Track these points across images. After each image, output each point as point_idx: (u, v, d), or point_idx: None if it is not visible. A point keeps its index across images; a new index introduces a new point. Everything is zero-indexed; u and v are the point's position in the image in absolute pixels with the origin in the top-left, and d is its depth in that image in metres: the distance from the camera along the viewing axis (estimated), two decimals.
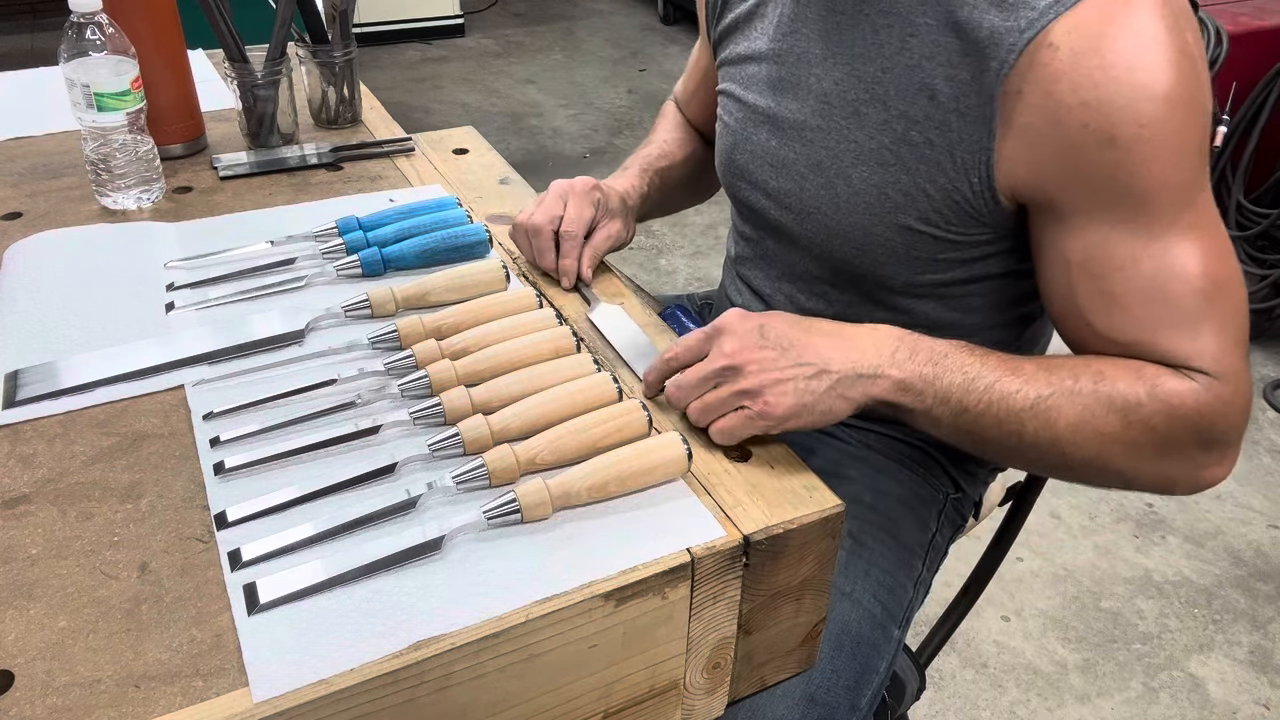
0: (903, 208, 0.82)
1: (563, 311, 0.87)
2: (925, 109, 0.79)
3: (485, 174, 1.15)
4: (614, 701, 0.66)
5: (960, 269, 0.86)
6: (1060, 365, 0.76)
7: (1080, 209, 0.74)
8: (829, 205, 0.86)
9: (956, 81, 0.76)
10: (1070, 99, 0.70)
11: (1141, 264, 0.73)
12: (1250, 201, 2.46)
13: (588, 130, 3.74)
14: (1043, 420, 0.73)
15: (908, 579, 0.93)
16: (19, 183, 1.09)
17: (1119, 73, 0.69)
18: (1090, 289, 0.75)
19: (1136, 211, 0.72)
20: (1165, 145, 0.70)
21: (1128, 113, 0.69)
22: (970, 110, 0.76)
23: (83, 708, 0.53)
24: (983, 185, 0.78)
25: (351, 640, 0.57)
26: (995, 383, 0.74)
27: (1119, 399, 0.73)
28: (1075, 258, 0.75)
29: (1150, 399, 0.73)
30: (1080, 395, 0.73)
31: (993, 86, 0.74)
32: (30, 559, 0.62)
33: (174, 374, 0.78)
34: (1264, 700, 1.64)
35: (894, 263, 0.86)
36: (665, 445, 0.69)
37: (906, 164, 0.81)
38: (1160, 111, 0.69)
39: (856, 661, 0.84)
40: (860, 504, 0.93)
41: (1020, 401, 0.73)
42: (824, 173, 0.86)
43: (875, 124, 0.82)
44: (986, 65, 0.74)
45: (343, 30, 1.19)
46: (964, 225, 0.81)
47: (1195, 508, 2.03)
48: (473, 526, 0.64)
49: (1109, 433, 0.73)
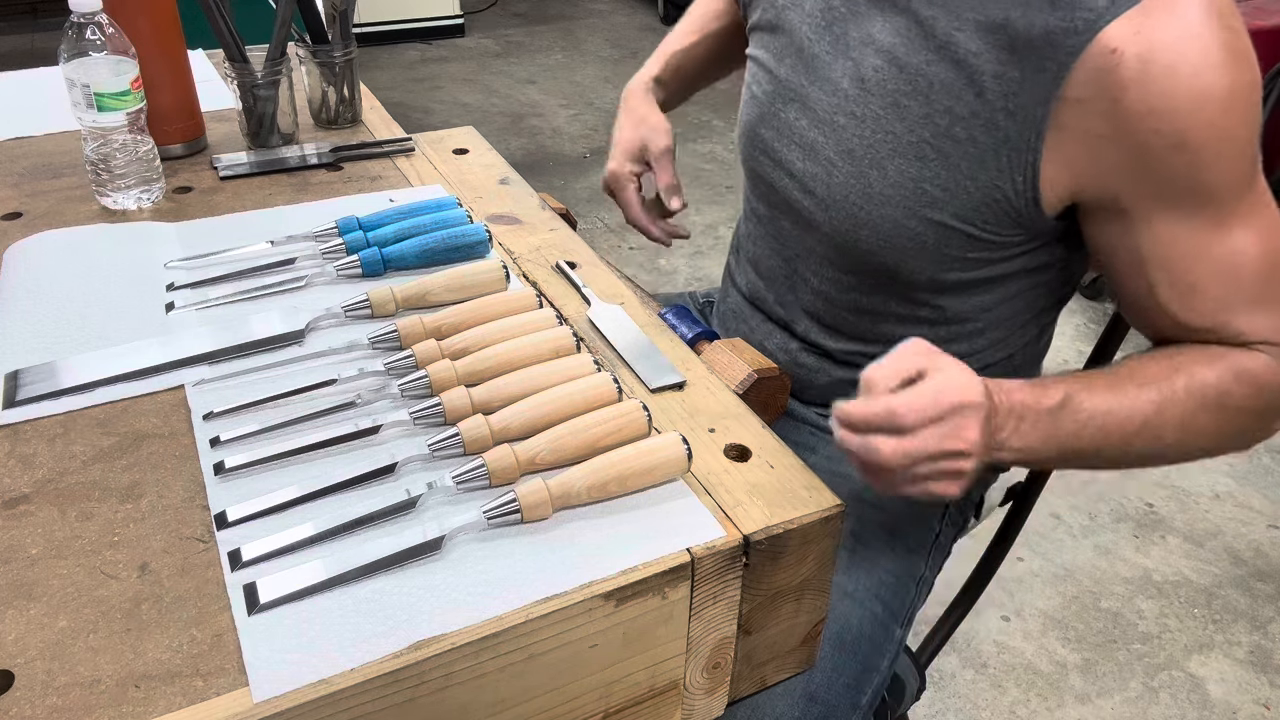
0: (939, 203, 0.82)
1: (563, 311, 0.87)
2: (972, 105, 0.78)
3: (485, 174, 1.15)
4: (614, 701, 0.66)
5: (986, 269, 0.86)
6: (1152, 375, 0.77)
7: (1150, 207, 0.76)
8: (859, 195, 0.86)
9: (1006, 80, 0.76)
10: (1139, 107, 0.71)
11: (1212, 250, 0.75)
12: None
13: (588, 130, 3.74)
14: (1151, 437, 0.76)
15: (910, 578, 0.93)
16: (19, 183, 1.09)
17: (1185, 79, 0.70)
18: (1165, 280, 0.77)
19: (1205, 204, 0.74)
20: (1232, 141, 0.72)
21: (1198, 117, 0.71)
22: (1020, 110, 0.76)
23: (83, 708, 0.53)
24: (1026, 185, 0.78)
25: (351, 640, 0.57)
26: (1106, 416, 0.75)
27: (1211, 393, 0.76)
28: (1147, 253, 0.77)
29: (1238, 383, 0.76)
30: (1178, 401, 0.76)
31: (1049, 89, 0.74)
32: (30, 559, 0.62)
33: (174, 374, 0.78)
34: (1264, 700, 1.64)
35: (921, 258, 0.85)
36: (665, 445, 0.69)
37: (949, 159, 0.80)
38: (1224, 110, 0.71)
39: (857, 660, 0.84)
40: (862, 503, 0.93)
41: (1130, 428, 0.76)
42: (856, 161, 0.85)
43: (916, 117, 0.81)
44: (1043, 66, 0.74)
45: (343, 30, 1.19)
46: (1000, 225, 0.81)
47: (1195, 507, 2.03)
48: (473, 526, 0.64)
49: (1209, 430, 0.77)
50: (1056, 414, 0.75)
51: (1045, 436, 0.74)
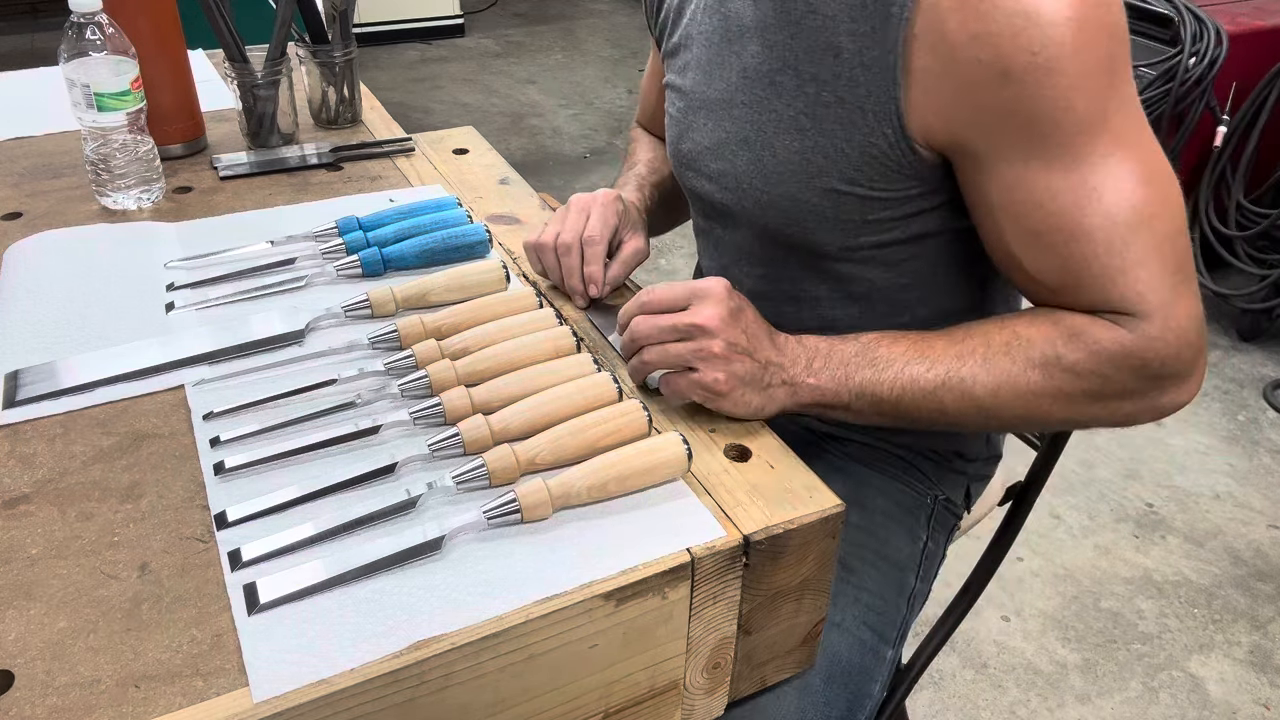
0: (825, 171, 0.81)
1: (563, 311, 0.87)
2: (832, 68, 0.78)
3: (485, 174, 1.15)
4: (614, 701, 0.66)
5: (896, 228, 0.84)
6: (971, 334, 0.76)
7: (992, 149, 0.73)
8: (759, 178, 0.86)
9: (858, 35, 0.75)
10: (960, 35, 0.69)
11: (1058, 198, 0.71)
12: (1250, 201, 2.46)
13: (588, 130, 3.74)
14: (959, 392, 0.75)
15: (899, 596, 0.92)
16: (19, 183, 1.09)
17: (1004, 2, 0.67)
18: (1015, 230, 0.75)
19: (1044, 144, 0.70)
20: (1063, 71, 0.68)
21: (1019, 41, 0.67)
22: (873, 62, 0.75)
23: (83, 708, 0.53)
24: (897, 136, 0.77)
25: (351, 640, 0.57)
26: (904, 368, 0.76)
27: (1036, 354, 0.74)
28: (996, 200, 0.75)
29: (1069, 347, 0.73)
30: (994, 358, 0.75)
31: (896, 33, 0.73)
32: (30, 559, 0.62)
33: (174, 374, 0.78)
34: (1264, 700, 1.64)
35: (825, 228, 0.85)
36: (665, 445, 0.69)
37: (823, 126, 0.80)
38: (1053, 35, 0.67)
39: (848, 690, 0.84)
40: (847, 525, 0.92)
41: (932, 380, 0.75)
42: (751, 147, 0.86)
43: (790, 91, 0.81)
44: (888, 14, 0.73)
45: (343, 30, 1.19)
46: (887, 181, 0.80)
47: (1195, 507, 2.04)
48: (473, 526, 0.64)
49: (1032, 389, 0.74)
50: (852, 359, 0.76)
51: (840, 379, 0.76)
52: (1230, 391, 2.38)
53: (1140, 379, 0.74)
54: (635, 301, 0.76)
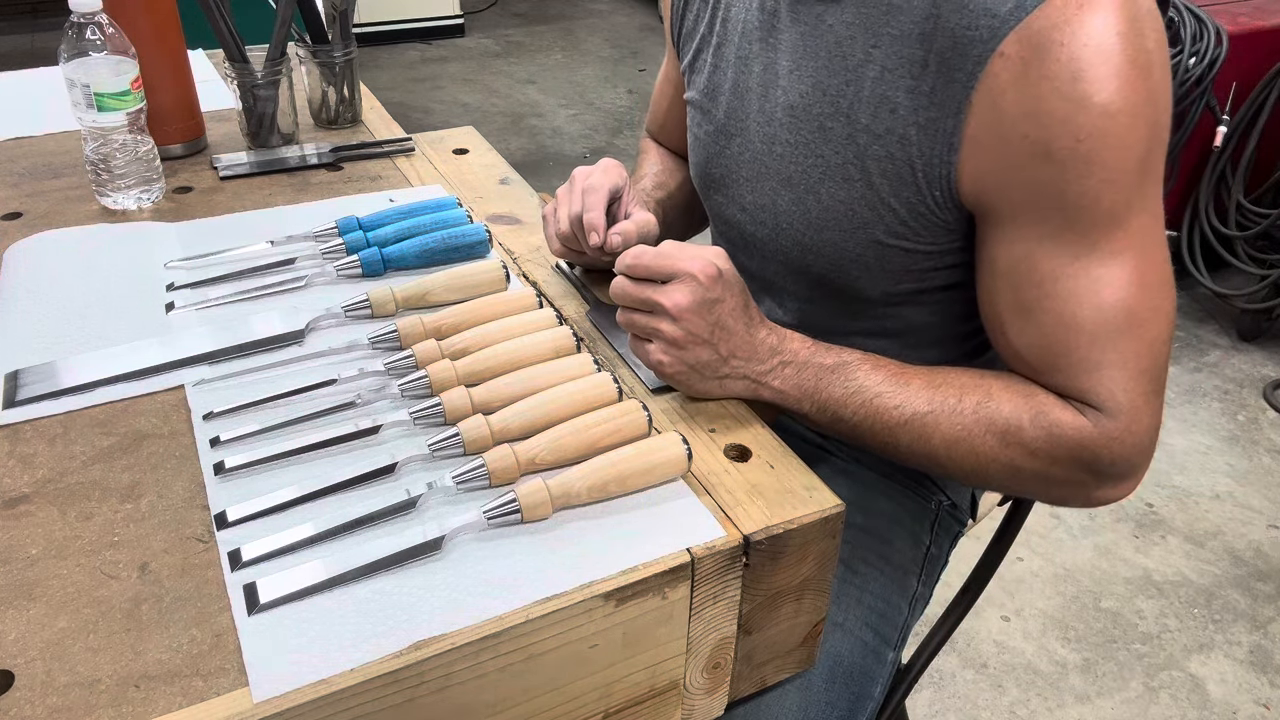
0: (870, 223, 0.81)
1: (563, 311, 0.87)
2: (886, 122, 0.77)
3: (485, 174, 1.15)
4: (614, 701, 0.66)
5: (938, 276, 0.84)
6: (949, 382, 0.77)
7: (1012, 217, 0.73)
8: (800, 220, 0.85)
9: (917, 94, 0.74)
10: (1015, 110, 0.69)
11: (1060, 283, 0.72)
12: (1250, 201, 2.46)
13: (588, 130, 3.74)
14: (917, 434, 0.76)
15: (902, 598, 0.92)
16: (19, 183, 1.09)
17: (1061, 84, 0.67)
18: (1010, 299, 0.75)
19: (1064, 227, 0.71)
20: (1101, 164, 0.68)
21: (1067, 126, 0.67)
22: (929, 124, 0.74)
23: (83, 708, 0.53)
24: (945, 198, 0.77)
25: (351, 640, 0.57)
26: (873, 399, 0.77)
27: (1000, 422, 0.75)
28: (1001, 266, 0.75)
29: (1033, 425, 0.74)
30: (961, 414, 0.75)
31: (959, 99, 0.72)
32: (30, 559, 0.62)
33: (174, 374, 0.78)
34: (1264, 700, 1.64)
35: (869, 276, 0.85)
36: (665, 445, 0.69)
37: (871, 180, 0.79)
38: (1100, 125, 0.67)
39: (850, 691, 0.84)
40: (851, 527, 0.92)
41: (896, 416, 0.76)
42: (794, 188, 0.85)
43: (840, 139, 0.80)
44: (952, 77, 0.72)
45: (343, 30, 1.19)
46: (934, 236, 0.80)
47: (1195, 507, 2.04)
48: (473, 526, 0.64)
49: (985, 453, 0.75)
50: (825, 374, 0.78)
51: (807, 390, 0.78)
52: (1230, 391, 2.38)
53: (1087, 472, 0.75)
54: (628, 254, 0.76)
